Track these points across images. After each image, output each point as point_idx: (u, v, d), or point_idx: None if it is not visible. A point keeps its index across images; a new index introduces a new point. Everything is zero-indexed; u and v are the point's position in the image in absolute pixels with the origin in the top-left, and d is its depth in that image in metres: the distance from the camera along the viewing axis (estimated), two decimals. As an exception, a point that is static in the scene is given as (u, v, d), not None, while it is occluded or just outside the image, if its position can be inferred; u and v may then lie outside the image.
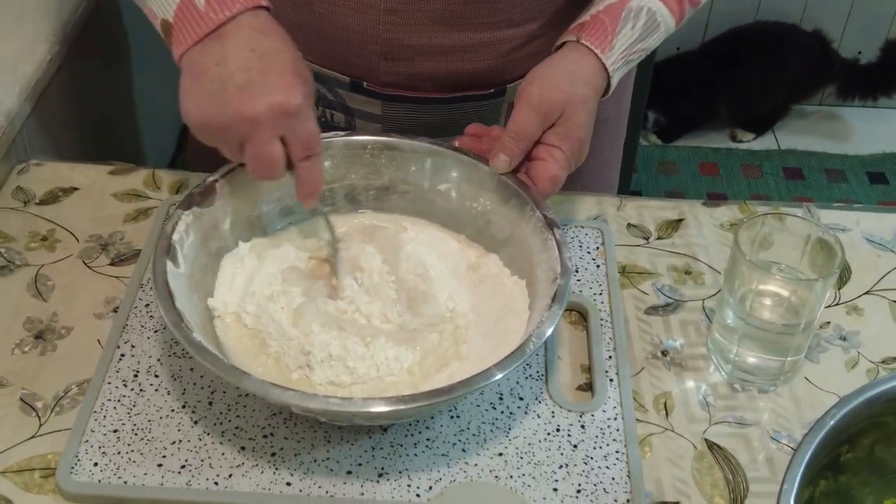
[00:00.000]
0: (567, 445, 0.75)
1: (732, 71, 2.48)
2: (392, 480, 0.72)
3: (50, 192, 0.97)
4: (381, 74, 0.92)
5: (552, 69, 0.84)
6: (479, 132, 0.87)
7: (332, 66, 0.93)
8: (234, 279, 0.81)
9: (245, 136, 0.73)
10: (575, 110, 0.82)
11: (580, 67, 0.83)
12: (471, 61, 0.91)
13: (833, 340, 0.86)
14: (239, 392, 0.77)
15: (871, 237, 0.97)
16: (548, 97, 0.81)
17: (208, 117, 0.73)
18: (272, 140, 0.73)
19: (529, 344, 0.71)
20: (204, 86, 0.73)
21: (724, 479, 0.75)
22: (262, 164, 0.74)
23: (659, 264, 0.93)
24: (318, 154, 0.76)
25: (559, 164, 0.82)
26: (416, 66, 0.91)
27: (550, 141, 0.82)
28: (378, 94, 0.94)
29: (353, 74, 0.93)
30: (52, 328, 0.83)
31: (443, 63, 0.91)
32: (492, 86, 0.94)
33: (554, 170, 0.81)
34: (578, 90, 0.82)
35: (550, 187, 0.82)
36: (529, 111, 0.81)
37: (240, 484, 0.71)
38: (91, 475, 0.71)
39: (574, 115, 0.82)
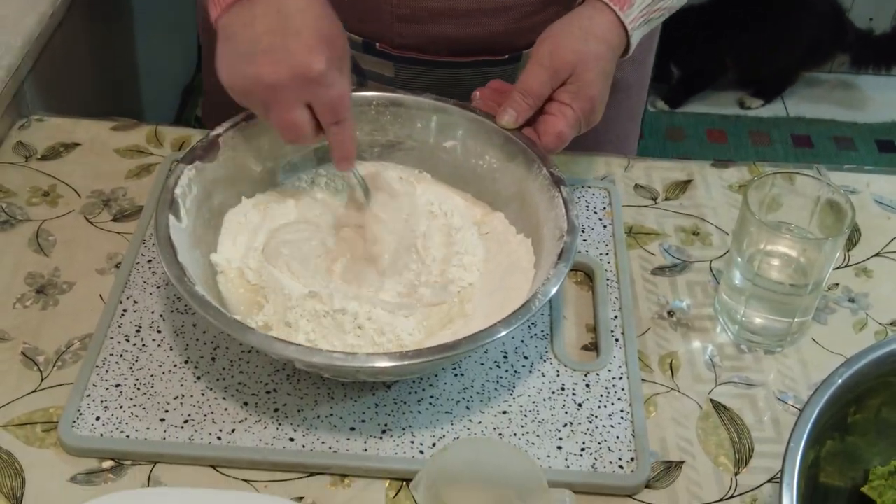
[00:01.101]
0: (572, 404, 0.75)
1: (743, 27, 2.44)
2: (395, 437, 0.72)
3: (52, 147, 0.96)
4: (394, 36, 0.91)
5: (565, 27, 0.82)
6: (501, 87, 0.85)
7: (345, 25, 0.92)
8: (238, 235, 0.80)
9: (269, 102, 0.72)
10: (586, 68, 0.80)
11: (595, 24, 0.81)
12: (485, 26, 0.90)
13: (841, 302, 0.86)
14: (242, 347, 0.77)
15: (881, 199, 0.96)
16: (558, 55, 0.80)
17: (234, 81, 0.73)
18: (296, 106, 0.72)
19: (535, 301, 0.70)
20: (233, 49, 0.72)
21: (730, 439, 0.75)
22: (286, 129, 0.73)
23: (666, 225, 0.92)
24: (346, 119, 0.75)
25: (568, 121, 0.80)
26: (429, 28, 0.90)
27: (561, 98, 0.81)
28: (390, 55, 0.92)
29: (366, 35, 0.92)
30: (53, 283, 0.83)
31: (456, 27, 0.90)
32: (506, 52, 0.92)
33: (561, 126, 0.80)
34: (591, 48, 0.80)
35: (555, 143, 0.81)
36: (539, 68, 0.80)
37: (242, 439, 0.71)
38: (93, 429, 0.71)
39: (585, 73, 0.80)
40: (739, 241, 0.79)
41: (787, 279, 0.79)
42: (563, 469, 0.71)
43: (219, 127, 0.81)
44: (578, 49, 0.80)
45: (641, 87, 1.11)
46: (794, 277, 0.79)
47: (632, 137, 1.15)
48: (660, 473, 0.72)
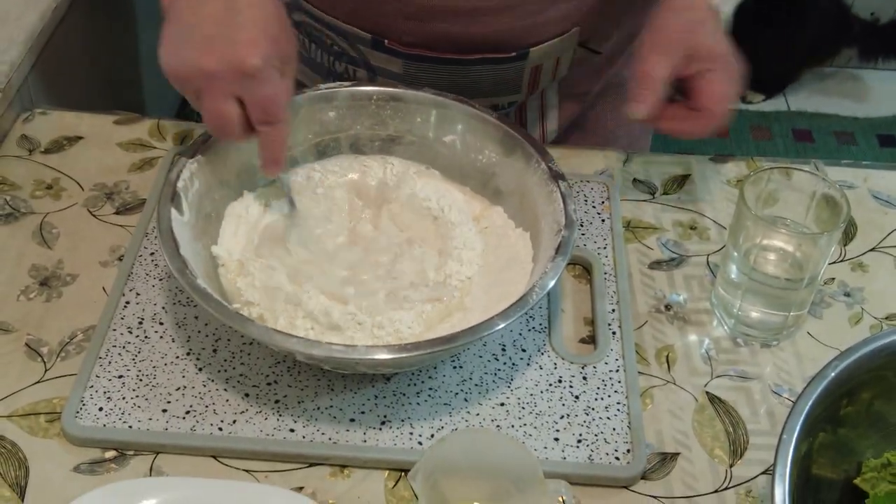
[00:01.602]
0: (569, 396, 0.76)
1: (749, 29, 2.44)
2: (394, 428, 0.73)
3: (55, 140, 0.97)
4: (401, 33, 0.91)
5: (655, 23, 0.83)
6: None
7: (353, 22, 0.92)
8: (239, 228, 0.81)
9: (201, 90, 0.71)
10: (697, 33, 0.81)
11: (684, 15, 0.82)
12: (492, 24, 0.90)
13: (837, 296, 0.86)
14: (243, 340, 0.78)
15: (878, 194, 0.96)
16: (662, 36, 0.81)
17: (171, 64, 0.72)
18: (226, 98, 0.71)
19: (532, 294, 0.71)
20: (176, 32, 0.71)
21: (725, 431, 0.75)
22: (213, 120, 0.72)
23: (664, 219, 0.93)
24: (278, 121, 0.73)
25: (719, 79, 0.81)
26: (435, 26, 0.90)
27: (694, 69, 0.81)
28: (399, 52, 0.93)
29: (374, 32, 0.92)
30: (57, 275, 0.83)
31: (463, 25, 0.90)
32: (513, 49, 0.92)
33: (716, 87, 0.81)
34: (689, 17, 0.81)
35: (721, 104, 0.81)
36: (647, 53, 0.81)
37: (244, 430, 0.72)
38: (96, 419, 0.72)
39: (701, 37, 0.81)
40: (736, 235, 0.79)
41: (783, 273, 0.80)
42: (560, 460, 0.72)
43: (220, 121, 0.82)
44: (679, 24, 0.81)
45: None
46: (790, 272, 0.80)
47: (643, 138, 1.15)
48: (655, 465, 0.73)
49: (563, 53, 0.95)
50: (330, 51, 0.96)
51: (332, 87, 0.86)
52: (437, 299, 0.77)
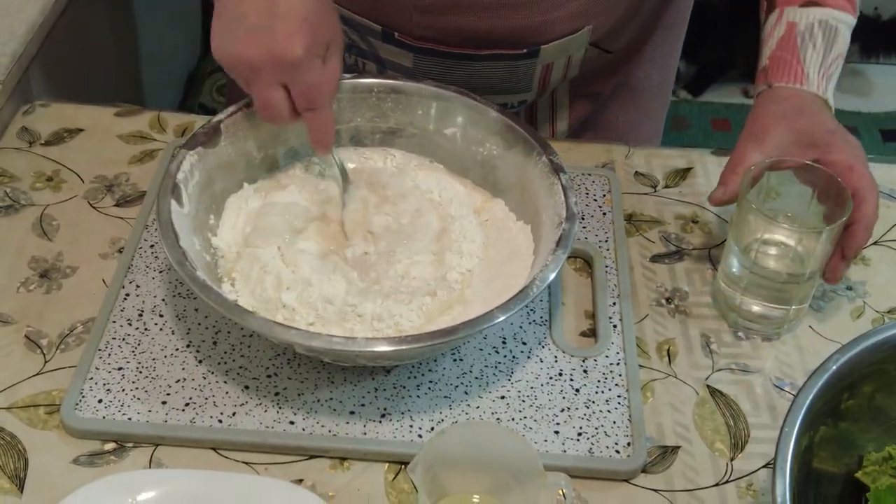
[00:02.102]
0: (569, 389, 0.76)
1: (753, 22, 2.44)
2: (394, 421, 0.73)
3: (55, 132, 0.97)
4: (413, 26, 0.91)
5: (754, 111, 0.83)
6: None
7: (365, 13, 0.92)
8: (239, 219, 0.81)
9: (249, 79, 0.74)
10: (804, 115, 0.81)
11: (783, 104, 0.82)
12: (504, 20, 0.89)
13: (839, 290, 0.86)
14: (243, 332, 0.78)
15: (881, 188, 0.95)
16: (759, 124, 0.81)
17: (220, 55, 0.74)
18: (272, 87, 0.74)
19: (532, 287, 0.71)
20: (222, 24, 0.74)
21: (726, 424, 0.75)
22: (262, 108, 0.76)
23: (666, 213, 0.92)
24: (322, 107, 0.76)
25: (840, 151, 0.79)
26: (449, 19, 0.90)
27: (812, 154, 0.79)
28: (409, 45, 0.93)
29: (385, 24, 0.92)
30: (57, 267, 0.83)
31: (477, 19, 0.89)
32: (524, 46, 0.92)
33: (842, 157, 0.78)
34: (792, 104, 0.81)
35: (861, 177, 0.78)
36: (743, 140, 0.81)
37: (243, 422, 0.72)
38: (95, 411, 0.72)
39: (809, 119, 0.80)
40: (737, 229, 0.79)
41: (784, 268, 0.80)
42: (560, 453, 0.71)
43: (220, 113, 0.82)
44: (776, 112, 0.81)
45: (663, 88, 1.11)
46: (792, 266, 0.79)
47: (653, 139, 1.15)
48: (656, 458, 0.73)
49: (574, 52, 0.95)
50: None
51: (333, 79, 0.86)
52: (438, 292, 0.77)
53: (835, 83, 0.85)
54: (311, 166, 0.86)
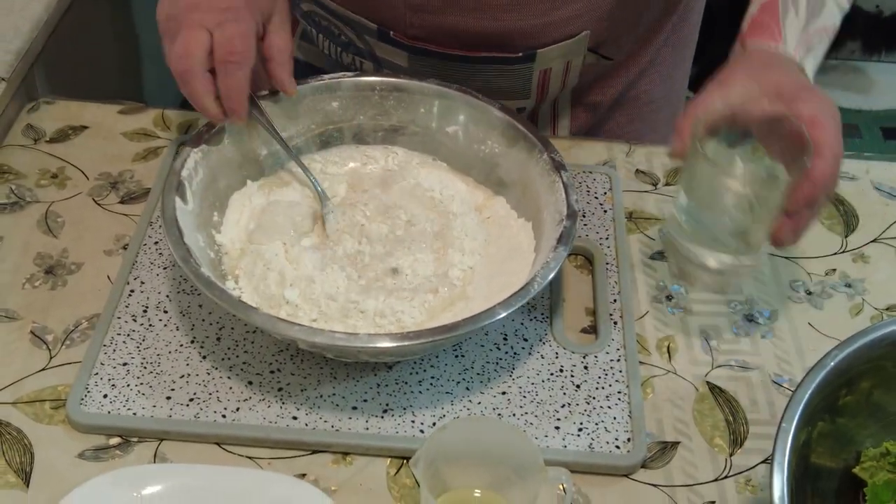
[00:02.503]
0: (570, 385, 0.76)
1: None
2: (396, 416, 0.73)
3: (60, 130, 0.97)
4: (407, 25, 0.91)
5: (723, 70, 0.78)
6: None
7: (360, 11, 0.93)
8: (242, 216, 0.82)
9: (181, 23, 0.75)
10: (773, 68, 0.76)
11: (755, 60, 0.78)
12: (498, 21, 0.90)
13: (838, 287, 0.87)
14: (247, 328, 0.78)
15: (880, 186, 0.97)
16: (726, 72, 0.77)
17: (163, 10, 0.78)
18: (198, 28, 0.74)
19: (533, 284, 0.71)
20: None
21: (725, 420, 0.76)
22: (179, 50, 0.74)
23: (666, 210, 0.93)
24: (240, 61, 0.75)
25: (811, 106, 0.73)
26: (442, 19, 0.90)
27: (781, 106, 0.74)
28: (404, 45, 0.93)
29: (380, 22, 0.92)
30: (62, 264, 0.84)
31: (469, 19, 0.90)
32: (520, 49, 0.92)
33: (811, 108, 0.73)
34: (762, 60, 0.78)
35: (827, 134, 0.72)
36: (707, 89, 0.77)
37: (247, 417, 0.73)
38: (100, 406, 0.73)
39: (779, 73, 0.76)
40: (688, 175, 0.76)
41: (733, 217, 0.77)
42: (561, 449, 0.72)
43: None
44: (745, 63, 0.78)
45: (670, 101, 1.09)
46: (741, 218, 0.77)
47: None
48: (655, 454, 0.73)
49: (573, 57, 0.95)
50: (337, 41, 0.97)
51: (336, 77, 0.87)
52: (439, 289, 0.77)
53: (817, 59, 0.81)
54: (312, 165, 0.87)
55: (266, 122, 0.83)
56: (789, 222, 0.73)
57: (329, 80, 0.86)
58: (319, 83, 0.86)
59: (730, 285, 0.81)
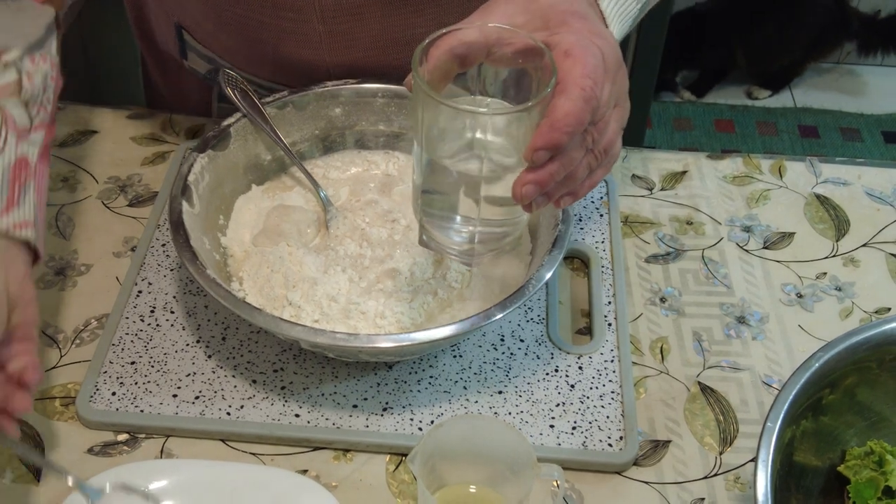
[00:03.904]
0: (564, 385, 0.78)
1: (751, 22, 2.47)
2: (396, 414, 0.76)
3: (71, 135, 1.00)
4: (330, 77, 0.90)
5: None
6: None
7: (282, 80, 0.92)
8: (247, 220, 0.84)
9: None
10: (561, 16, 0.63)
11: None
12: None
13: (828, 290, 0.88)
14: (251, 328, 0.81)
15: (872, 191, 0.99)
16: (491, 4, 0.65)
17: None
18: None
19: (529, 286, 0.74)
20: None
21: (716, 419, 0.78)
22: None
23: (661, 214, 0.95)
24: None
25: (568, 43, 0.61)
26: (365, 68, 0.89)
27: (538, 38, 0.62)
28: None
29: (304, 84, 0.90)
30: (72, 265, 0.86)
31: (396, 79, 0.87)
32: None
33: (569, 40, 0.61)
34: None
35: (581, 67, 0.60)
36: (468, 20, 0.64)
37: (251, 414, 0.75)
38: (109, 404, 0.75)
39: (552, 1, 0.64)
40: (413, 119, 0.63)
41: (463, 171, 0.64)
42: (555, 446, 0.74)
43: (230, 117, 0.85)
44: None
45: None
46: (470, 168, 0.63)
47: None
48: (647, 452, 0.75)
49: None
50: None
51: (339, 84, 0.89)
52: (438, 291, 0.79)
53: (626, 22, 0.70)
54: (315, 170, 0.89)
55: (270, 129, 0.85)
56: (530, 174, 0.61)
57: (332, 87, 0.89)
58: (323, 90, 0.88)
59: (471, 263, 0.70)
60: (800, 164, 1.01)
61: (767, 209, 0.96)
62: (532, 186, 0.61)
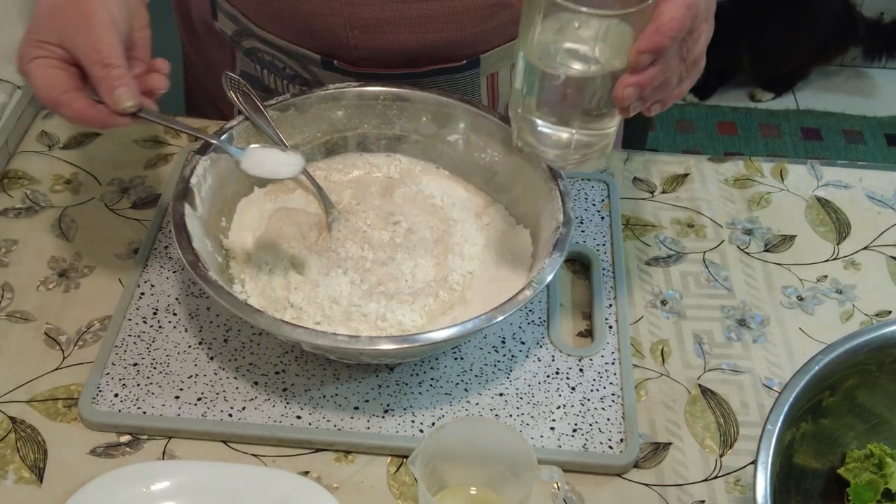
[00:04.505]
0: (565, 388, 0.79)
1: (758, 25, 2.47)
2: (397, 416, 0.76)
3: (74, 136, 1.00)
4: (350, 49, 0.92)
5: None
6: None
7: (302, 42, 0.93)
8: (249, 222, 0.84)
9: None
10: None
11: None
12: (440, 31, 0.90)
13: (829, 293, 0.89)
14: (253, 330, 0.81)
15: (873, 194, 0.99)
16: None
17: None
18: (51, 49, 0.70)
19: (530, 289, 0.74)
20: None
21: (716, 422, 0.78)
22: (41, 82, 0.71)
23: (662, 217, 0.95)
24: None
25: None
26: (383, 39, 0.90)
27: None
28: (349, 72, 0.93)
29: (323, 51, 0.93)
30: (75, 267, 0.87)
31: (410, 35, 0.90)
32: (464, 57, 0.93)
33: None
34: None
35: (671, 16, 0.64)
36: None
37: (252, 416, 0.75)
38: (111, 405, 0.75)
39: None
40: (527, 24, 0.67)
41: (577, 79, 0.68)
42: (556, 448, 0.74)
43: (232, 120, 0.85)
44: None
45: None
46: (586, 78, 0.68)
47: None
48: (647, 454, 0.76)
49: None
50: (283, 74, 0.98)
51: (341, 87, 0.89)
52: (439, 293, 0.80)
53: None
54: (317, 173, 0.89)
55: (272, 131, 0.85)
56: (632, 77, 0.65)
57: (334, 90, 0.89)
58: (325, 93, 0.88)
59: (567, 162, 0.74)
60: (801, 167, 1.01)
61: (768, 212, 0.96)
62: (633, 89, 0.66)
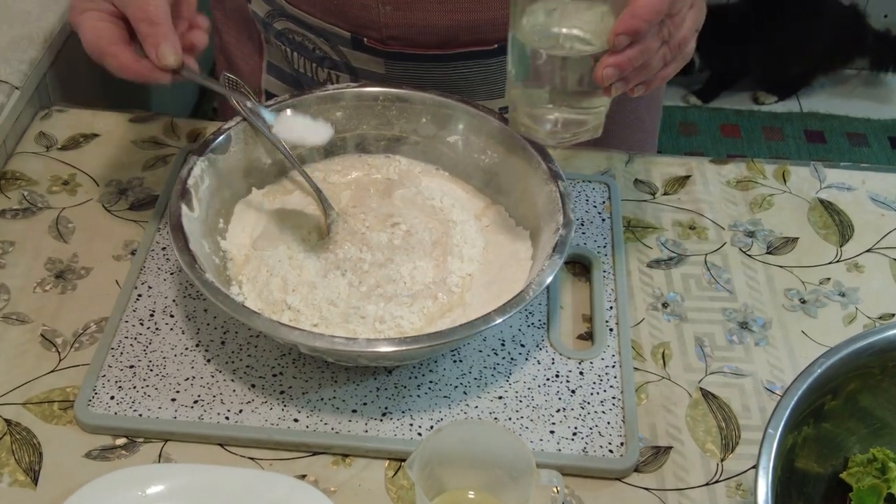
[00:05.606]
0: (565, 391, 0.78)
1: (766, 31, 2.46)
2: (395, 419, 0.75)
3: (71, 137, 1.00)
4: (380, 27, 0.92)
5: None
6: None
7: (332, 19, 0.93)
8: (247, 224, 0.84)
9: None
10: None
11: None
12: (470, 11, 0.90)
13: (832, 296, 0.88)
14: (250, 332, 0.80)
15: (876, 196, 0.98)
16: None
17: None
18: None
19: (529, 291, 0.73)
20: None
21: (717, 426, 0.77)
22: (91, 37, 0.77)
23: (664, 219, 0.94)
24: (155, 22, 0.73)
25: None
26: (413, 16, 0.90)
27: None
28: (380, 51, 0.94)
29: (354, 28, 0.93)
30: (72, 268, 0.86)
31: (441, 12, 0.90)
32: (495, 41, 0.93)
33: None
34: None
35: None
36: None
37: (249, 419, 0.75)
38: (108, 408, 0.75)
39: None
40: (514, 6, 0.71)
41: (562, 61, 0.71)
42: (555, 452, 0.74)
43: (231, 120, 0.85)
44: None
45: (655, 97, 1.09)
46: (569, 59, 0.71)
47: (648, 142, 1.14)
48: (648, 458, 0.75)
49: None
50: (312, 56, 0.98)
51: (340, 87, 0.89)
52: (438, 295, 0.79)
53: None
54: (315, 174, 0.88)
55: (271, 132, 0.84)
56: (611, 58, 0.69)
57: (333, 91, 0.88)
58: (324, 94, 0.88)
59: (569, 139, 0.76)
60: (804, 169, 1.01)
61: (771, 214, 0.95)
62: (612, 69, 0.69)
